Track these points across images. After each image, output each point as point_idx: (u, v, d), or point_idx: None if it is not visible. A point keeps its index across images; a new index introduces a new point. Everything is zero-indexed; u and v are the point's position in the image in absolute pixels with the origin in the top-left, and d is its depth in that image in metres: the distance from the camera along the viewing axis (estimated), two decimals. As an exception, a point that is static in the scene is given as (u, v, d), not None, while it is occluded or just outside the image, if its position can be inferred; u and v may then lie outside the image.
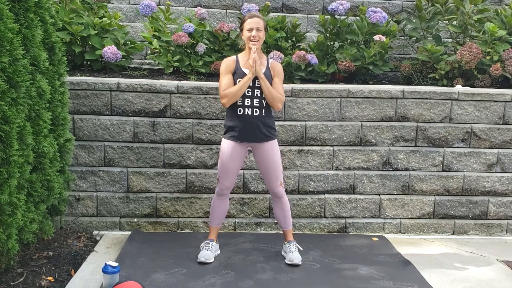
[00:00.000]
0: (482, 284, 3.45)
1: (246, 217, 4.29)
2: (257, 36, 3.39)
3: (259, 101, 3.46)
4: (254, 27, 3.40)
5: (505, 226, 4.48)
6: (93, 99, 4.05)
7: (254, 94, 3.45)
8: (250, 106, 3.45)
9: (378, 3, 6.10)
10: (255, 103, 3.45)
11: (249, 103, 3.45)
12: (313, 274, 3.48)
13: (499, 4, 6.27)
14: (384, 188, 4.34)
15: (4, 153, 2.80)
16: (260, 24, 3.42)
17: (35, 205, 3.37)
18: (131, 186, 4.15)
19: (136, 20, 5.83)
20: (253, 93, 3.45)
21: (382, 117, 4.28)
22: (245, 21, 3.45)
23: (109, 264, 3.08)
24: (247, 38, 3.42)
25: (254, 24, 3.40)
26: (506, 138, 4.38)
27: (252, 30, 3.40)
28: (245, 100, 3.45)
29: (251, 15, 3.46)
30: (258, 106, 3.46)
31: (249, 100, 3.45)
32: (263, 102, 3.47)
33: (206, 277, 3.36)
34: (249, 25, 3.41)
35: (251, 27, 3.40)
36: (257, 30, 3.40)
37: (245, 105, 3.45)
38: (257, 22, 3.42)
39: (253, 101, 3.45)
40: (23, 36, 3.08)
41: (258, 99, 3.45)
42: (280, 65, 3.57)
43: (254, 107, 3.45)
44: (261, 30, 3.43)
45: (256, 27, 3.40)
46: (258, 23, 3.41)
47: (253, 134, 3.48)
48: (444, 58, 4.79)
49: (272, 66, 3.53)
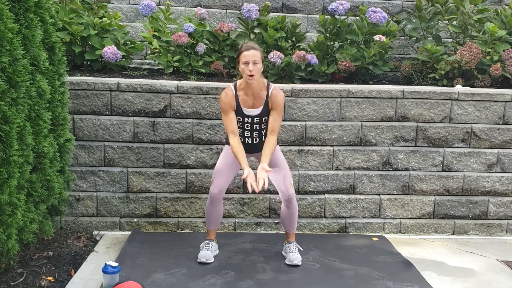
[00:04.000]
0: (482, 284, 3.45)
1: (246, 217, 4.29)
2: (253, 70, 3.28)
3: (259, 133, 3.52)
4: (250, 61, 3.28)
5: (505, 226, 4.48)
6: (93, 99, 4.05)
7: (253, 128, 3.49)
8: (250, 137, 3.53)
9: (378, 3, 6.10)
10: (255, 135, 3.52)
11: (249, 135, 3.52)
12: (313, 274, 3.48)
13: (499, 4, 6.27)
14: (384, 188, 4.34)
15: (4, 153, 2.80)
16: (257, 56, 3.30)
17: (35, 205, 3.37)
18: (131, 186, 4.15)
19: (136, 20, 5.83)
20: (252, 127, 3.49)
21: (382, 117, 4.28)
22: (241, 53, 3.33)
23: (109, 264, 3.09)
24: (244, 72, 3.32)
25: (251, 57, 3.28)
26: (506, 138, 4.38)
27: (249, 63, 3.28)
28: (245, 132, 3.51)
29: (248, 47, 3.33)
30: (257, 136, 3.52)
31: (249, 132, 3.51)
32: (262, 132, 3.52)
33: (206, 277, 3.36)
34: (245, 58, 3.29)
35: (247, 61, 3.28)
36: (253, 64, 3.28)
37: (245, 136, 3.52)
38: (253, 55, 3.29)
39: (252, 134, 3.51)
40: (23, 36, 3.08)
41: (257, 132, 3.51)
42: (281, 95, 3.42)
43: (254, 137, 3.52)
44: (258, 63, 3.30)
45: (253, 60, 3.28)
46: (255, 56, 3.29)
47: (253, 150, 3.59)
48: (444, 58, 4.79)
49: (272, 98, 3.41)
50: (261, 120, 3.47)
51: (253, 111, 3.43)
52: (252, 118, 3.45)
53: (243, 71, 3.33)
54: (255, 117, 3.45)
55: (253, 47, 3.34)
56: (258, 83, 3.40)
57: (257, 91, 3.41)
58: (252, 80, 3.31)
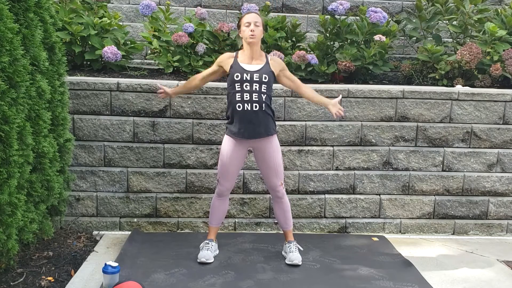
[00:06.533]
0: (482, 284, 3.45)
1: (246, 217, 4.29)
2: (255, 30, 3.36)
3: (258, 95, 3.37)
4: (252, 21, 3.37)
5: (505, 226, 4.48)
6: (93, 99, 4.05)
7: (252, 88, 3.36)
8: (249, 101, 3.37)
9: (378, 3, 6.10)
10: (254, 98, 3.37)
11: (248, 98, 3.37)
12: (313, 274, 3.48)
13: (499, 4, 6.27)
14: (384, 188, 4.34)
15: (4, 153, 2.80)
16: (258, 19, 3.40)
17: (35, 205, 3.37)
18: (131, 186, 4.15)
19: (136, 20, 5.83)
20: (252, 87, 3.36)
21: (382, 117, 4.28)
22: (243, 17, 3.44)
23: (109, 264, 3.08)
24: (245, 33, 3.38)
25: (252, 18, 3.38)
26: (506, 138, 4.38)
27: (250, 24, 3.37)
28: (244, 95, 3.36)
29: (249, 11, 3.48)
30: (257, 100, 3.37)
31: (248, 94, 3.36)
32: (262, 96, 3.38)
33: (206, 277, 3.36)
34: (247, 19, 3.39)
35: (249, 21, 3.38)
36: (255, 25, 3.37)
37: (244, 100, 3.37)
38: (255, 17, 3.40)
39: (252, 96, 3.36)
40: (23, 36, 3.08)
41: (257, 94, 3.37)
42: (278, 58, 3.60)
43: (254, 102, 3.37)
44: (259, 26, 3.40)
45: (254, 21, 3.38)
46: (256, 18, 3.40)
47: (252, 130, 3.42)
48: (444, 58, 4.78)
49: (272, 63, 3.50)
50: (261, 78, 3.38)
51: (253, 66, 3.43)
52: (251, 74, 3.38)
53: (244, 33, 3.40)
54: (254, 72, 3.39)
55: (254, 11, 3.47)
56: (258, 49, 3.47)
57: (257, 55, 3.46)
58: (253, 39, 3.37)
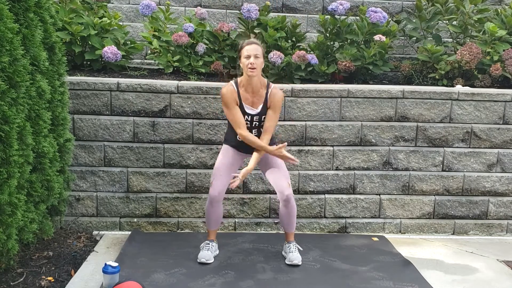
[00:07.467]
0: (482, 284, 3.45)
1: (246, 217, 4.29)
2: (255, 63, 3.30)
3: (258, 130, 3.53)
4: (252, 54, 3.31)
5: (505, 226, 4.48)
6: (93, 99, 4.05)
7: (252, 125, 3.51)
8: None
9: (378, 3, 6.10)
10: (254, 132, 3.53)
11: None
12: (313, 274, 3.48)
13: (499, 4, 6.27)
14: (384, 188, 4.34)
15: (4, 153, 2.80)
16: (258, 51, 3.33)
17: (35, 205, 3.37)
18: (131, 186, 4.15)
19: (136, 20, 5.83)
20: (252, 124, 3.51)
21: (382, 117, 4.28)
22: (243, 48, 3.36)
23: (109, 264, 3.08)
24: (245, 65, 3.33)
25: (252, 51, 3.31)
26: (506, 138, 4.38)
27: (250, 57, 3.31)
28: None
29: (249, 42, 3.38)
30: (257, 134, 3.54)
31: (249, 130, 3.51)
32: (261, 130, 3.53)
33: (206, 277, 3.36)
34: (247, 52, 3.32)
35: (249, 54, 3.31)
36: (255, 57, 3.31)
37: None
38: (255, 49, 3.32)
39: (251, 131, 3.52)
40: (23, 36, 3.08)
41: (256, 129, 3.53)
42: (280, 95, 3.46)
43: (254, 135, 3.52)
44: (259, 57, 3.33)
45: (254, 54, 3.31)
46: (256, 50, 3.32)
47: (251, 148, 3.55)
48: (444, 58, 4.79)
49: (271, 97, 3.45)
50: (260, 119, 3.50)
51: (253, 110, 3.47)
52: (252, 117, 3.48)
53: (244, 65, 3.35)
54: (254, 115, 3.48)
55: (254, 42, 3.39)
56: (259, 80, 3.42)
57: (257, 88, 3.43)
58: (253, 72, 3.32)
